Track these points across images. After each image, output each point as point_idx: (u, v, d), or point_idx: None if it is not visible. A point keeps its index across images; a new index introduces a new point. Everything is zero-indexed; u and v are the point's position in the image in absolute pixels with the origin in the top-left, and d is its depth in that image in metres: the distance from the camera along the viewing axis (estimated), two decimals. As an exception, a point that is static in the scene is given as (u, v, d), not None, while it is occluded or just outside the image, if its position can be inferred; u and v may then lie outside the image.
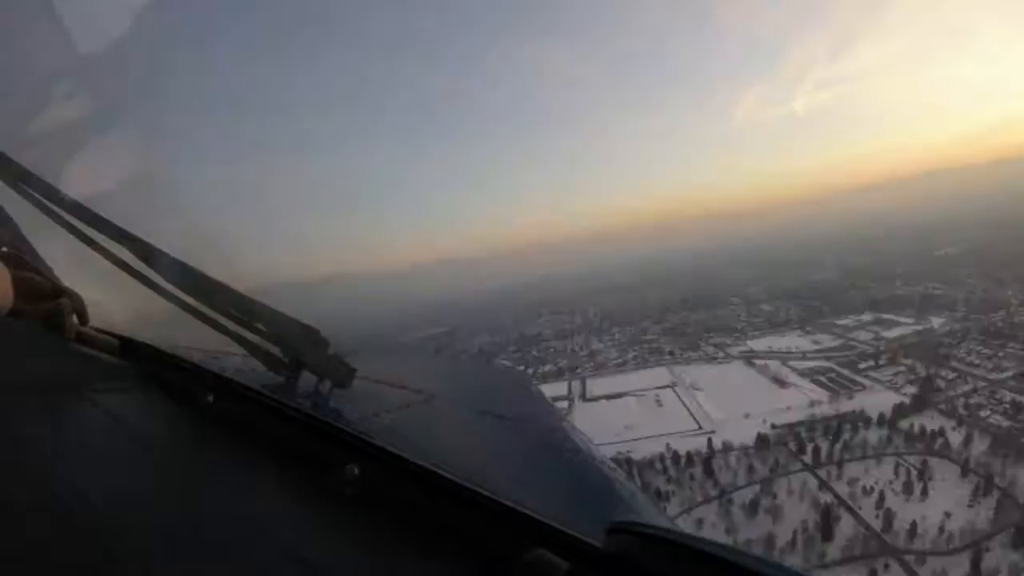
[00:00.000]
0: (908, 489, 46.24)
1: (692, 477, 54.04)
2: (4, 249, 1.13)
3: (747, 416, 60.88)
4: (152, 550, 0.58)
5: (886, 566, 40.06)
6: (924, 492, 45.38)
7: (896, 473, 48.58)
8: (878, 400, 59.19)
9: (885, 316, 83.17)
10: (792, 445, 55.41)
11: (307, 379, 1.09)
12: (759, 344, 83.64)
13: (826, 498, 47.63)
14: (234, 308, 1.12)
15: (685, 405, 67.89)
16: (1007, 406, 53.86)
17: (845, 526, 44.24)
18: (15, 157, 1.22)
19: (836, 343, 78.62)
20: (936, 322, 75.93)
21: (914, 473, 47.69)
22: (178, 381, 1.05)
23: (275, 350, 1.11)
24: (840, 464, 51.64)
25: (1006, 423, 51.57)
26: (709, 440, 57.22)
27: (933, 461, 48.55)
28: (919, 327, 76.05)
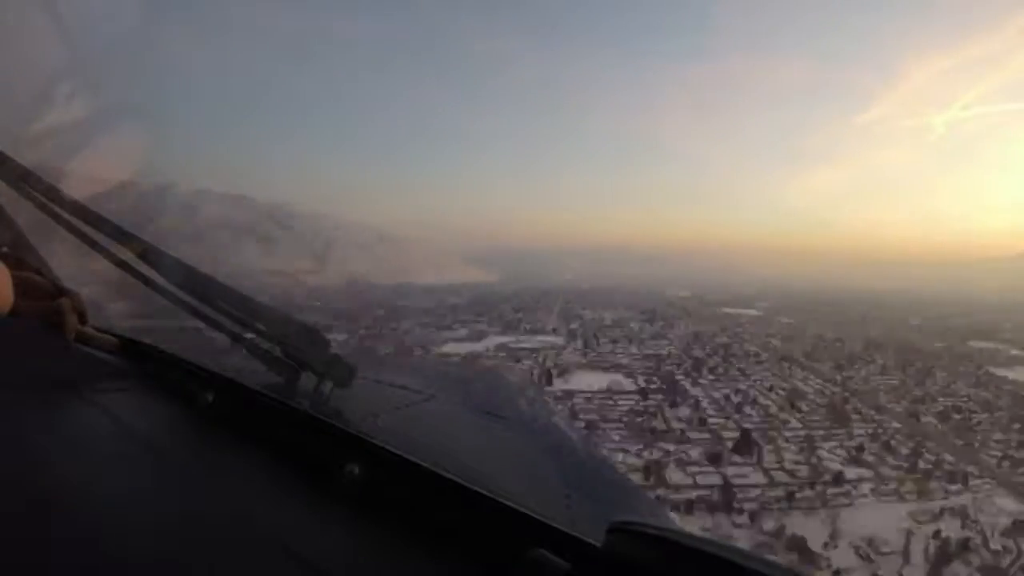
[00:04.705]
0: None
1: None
2: (4, 249, 1.13)
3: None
4: (152, 550, 0.58)
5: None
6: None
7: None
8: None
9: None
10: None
11: (307, 379, 1.09)
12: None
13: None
14: (234, 308, 1.12)
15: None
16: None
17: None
18: (15, 155, 1.22)
19: None
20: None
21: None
22: (178, 381, 1.04)
23: (275, 350, 1.11)
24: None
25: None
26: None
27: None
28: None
